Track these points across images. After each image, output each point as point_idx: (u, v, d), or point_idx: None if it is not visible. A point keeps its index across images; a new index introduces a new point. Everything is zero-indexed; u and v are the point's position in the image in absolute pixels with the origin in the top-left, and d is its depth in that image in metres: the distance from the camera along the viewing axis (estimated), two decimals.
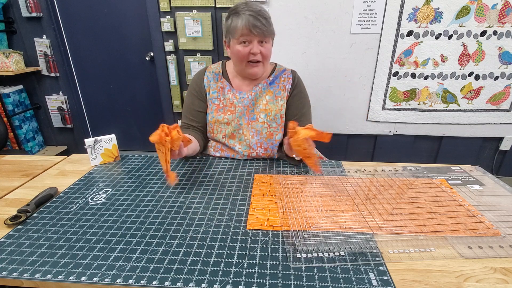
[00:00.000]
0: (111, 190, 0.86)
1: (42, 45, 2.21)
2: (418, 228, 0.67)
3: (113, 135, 1.03)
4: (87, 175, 0.95)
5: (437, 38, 1.82)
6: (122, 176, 0.94)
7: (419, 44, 1.85)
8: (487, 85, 1.91)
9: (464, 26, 1.79)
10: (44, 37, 2.21)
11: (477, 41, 1.81)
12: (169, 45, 2.09)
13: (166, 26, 2.03)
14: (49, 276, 0.55)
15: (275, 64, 1.13)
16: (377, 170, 0.95)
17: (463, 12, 1.75)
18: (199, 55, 2.12)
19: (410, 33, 1.83)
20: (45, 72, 2.30)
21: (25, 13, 2.11)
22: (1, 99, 2.18)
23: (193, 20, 1.99)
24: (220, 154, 1.10)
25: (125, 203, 0.79)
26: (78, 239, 0.65)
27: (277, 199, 0.80)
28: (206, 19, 1.99)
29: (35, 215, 0.74)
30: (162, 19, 2.03)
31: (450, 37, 1.81)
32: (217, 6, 1.96)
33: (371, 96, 2.01)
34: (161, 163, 0.80)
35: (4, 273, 0.56)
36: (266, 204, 0.77)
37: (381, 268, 0.56)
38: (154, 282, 0.54)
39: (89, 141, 0.99)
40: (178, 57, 2.15)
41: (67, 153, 2.57)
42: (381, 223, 0.69)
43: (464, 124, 2.03)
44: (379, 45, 1.87)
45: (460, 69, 1.88)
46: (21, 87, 2.32)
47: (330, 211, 0.74)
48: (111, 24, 2.28)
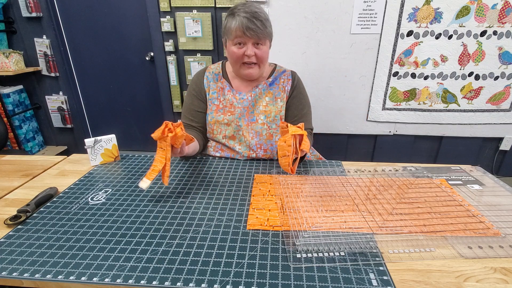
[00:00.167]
0: (111, 190, 0.86)
1: (42, 45, 2.21)
2: (418, 228, 0.67)
3: (113, 135, 1.03)
4: (87, 175, 0.95)
5: (437, 38, 1.82)
6: (122, 176, 0.94)
7: (419, 44, 1.85)
8: (487, 85, 1.91)
9: (464, 26, 1.79)
10: (44, 37, 2.21)
11: (477, 41, 1.81)
12: (169, 45, 2.09)
13: (166, 26, 2.03)
14: (49, 276, 0.55)
15: (275, 65, 1.12)
16: (377, 170, 0.95)
17: (463, 12, 1.76)
18: (199, 55, 2.12)
19: (410, 33, 1.83)
20: (45, 72, 2.30)
21: (25, 13, 2.11)
22: (1, 99, 2.18)
23: (193, 20, 1.99)
24: (220, 154, 1.10)
25: (125, 203, 0.79)
26: (78, 239, 0.65)
27: (277, 199, 0.80)
28: (206, 19, 1.99)
29: (35, 215, 0.74)
30: (162, 19, 2.03)
31: (450, 37, 1.81)
32: (217, 6, 1.96)
33: (371, 96, 2.01)
34: (155, 162, 0.78)
35: (4, 273, 0.56)
36: (266, 204, 0.77)
37: (381, 268, 0.56)
38: (154, 282, 0.54)
39: (89, 141, 0.99)
40: (178, 57, 2.15)
41: (67, 153, 2.57)
42: (381, 223, 0.69)
43: (464, 124, 2.03)
44: (379, 45, 1.87)
45: (460, 69, 1.88)
46: (21, 87, 2.32)
47: (330, 211, 0.74)
48: (111, 24, 2.28)
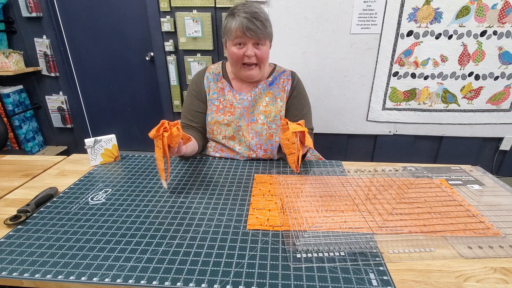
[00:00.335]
0: (111, 190, 0.86)
1: (42, 45, 2.21)
2: (418, 228, 0.67)
3: (113, 135, 1.03)
4: (87, 175, 0.95)
5: (437, 38, 1.82)
6: (122, 176, 0.94)
7: (419, 44, 1.85)
8: (487, 85, 1.91)
9: (464, 26, 1.79)
10: (44, 37, 2.21)
11: (477, 41, 1.81)
12: (169, 45, 2.09)
13: (166, 26, 2.03)
14: (49, 276, 0.55)
15: (275, 65, 1.12)
16: (377, 170, 0.95)
17: (463, 12, 1.75)
18: (199, 55, 2.12)
19: (410, 33, 1.83)
20: (45, 72, 2.30)
21: (25, 13, 2.11)
22: (1, 99, 2.18)
23: (193, 20, 1.99)
24: (220, 155, 1.10)
25: (125, 203, 0.79)
26: (78, 239, 0.65)
27: (277, 199, 0.80)
28: (206, 19, 1.99)
29: (35, 215, 0.74)
30: (162, 19, 2.03)
31: (450, 37, 1.81)
32: (217, 6, 1.96)
33: (371, 96, 2.01)
34: (157, 162, 0.78)
35: (4, 273, 0.56)
36: (266, 204, 0.77)
37: (381, 268, 0.56)
38: (154, 282, 0.54)
39: (89, 141, 0.99)
40: (178, 57, 2.15)
41: (67, 153, 2.57)
42: (381, 223, 0.69)
43: (464, 124, 2.03)
44: (379, 45, 1.87)
45: (460, 69, 1.88)
46: (21, 87, 2.32)
47: (330, 211, 0.74)
48: (111, 24, 2.28)
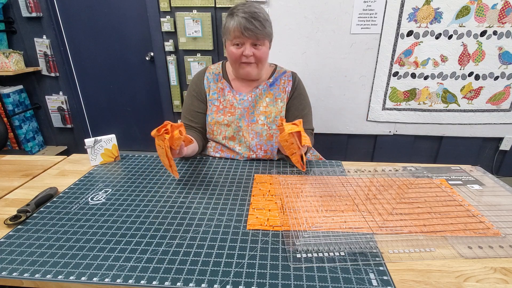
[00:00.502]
0: (111, 190, 0.86)
1: (42, 45, 2.21)
2: (418, 228, 0.67)
3: (113, 135, 1.03)
4: (87, 175, 0.95)
5: (437, 38, 1.82)
6: (122, 176, 0.94)
7: (419, 44, 1.85)
8: (487, 85, 1.91)
9: (464, 26, 1.79)
10: (44, 37, 2.21)
11: (477, 41, 1.81)
12: (169, 45, 2.09)
13: (166, 26, 2.03)
14: (49, 276, 0.55)
15: (275, 65, 1.12)
16: (377, 170, 0.95)
17: (463, 12, 1.75)
18: (199, 55, 2.12)
19: (410, 33, 1.83)
20: (45, 72, 2.30)
21: (25, 13, 2.11)
22: (1, 99, 2.18)
23: (193, 20, 1.99)
24: (220, 155, 1.10)
25: (125, 203, 0.79)
26: (78, 239, 0.65)
27: (277, 199, 0.80)
28: (206, 19, 1.99)
29: (35, 215, 0.74)
30: (162, 19, 2.03)
31: (450, 37, 1.81)
32: (217, 6, 1.96)
33: (371, 96, 2.00)
34: (161, 158, 0.80)
35: (4, 273, 0.56)
36: (266, 204, 0.77)
37: (381, 268, 0.56)
38: (154, 282, 0.54)
39: (89, 141, 0.99)
40: (178, 57, 2.14)
41: (67, 153, 2.57)
42: (381, 223, 0.69)
43: (464, 124, 2.03)
44: (379, 45, 1.87)
45: (460, 69, 1.88)
46: (21, 87, 2.32)
47: (330, 211, 0.74)
48: (111, 24, 2.28)
